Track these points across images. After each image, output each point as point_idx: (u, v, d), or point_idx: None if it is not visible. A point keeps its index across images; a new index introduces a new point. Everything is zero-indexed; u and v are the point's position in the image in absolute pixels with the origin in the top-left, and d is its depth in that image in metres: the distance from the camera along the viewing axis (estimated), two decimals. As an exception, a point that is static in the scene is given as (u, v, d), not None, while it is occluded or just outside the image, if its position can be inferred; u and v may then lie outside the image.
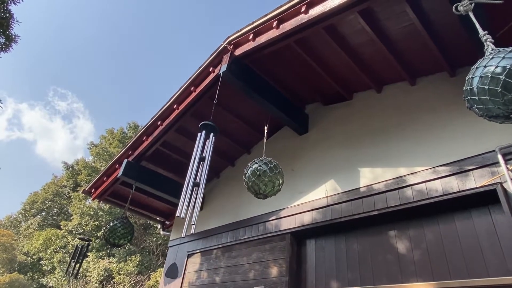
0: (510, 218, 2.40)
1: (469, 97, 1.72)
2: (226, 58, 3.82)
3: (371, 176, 3.46)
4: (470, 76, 1.70)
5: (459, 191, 2.72)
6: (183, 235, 2.65)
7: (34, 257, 22.79)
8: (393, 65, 3.55)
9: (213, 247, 4.88)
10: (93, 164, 25.07)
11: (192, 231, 3.23)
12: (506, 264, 2.40)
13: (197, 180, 2.91)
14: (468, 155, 2.85)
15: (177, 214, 2.73)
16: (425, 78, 3.64)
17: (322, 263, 3.58)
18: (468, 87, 1.71)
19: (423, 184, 3.02)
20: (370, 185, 3.40)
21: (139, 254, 18.69)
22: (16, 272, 21.83)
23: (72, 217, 21.51)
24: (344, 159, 3.87)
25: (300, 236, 3.92)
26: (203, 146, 3.13)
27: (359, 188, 3.51)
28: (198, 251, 5.13)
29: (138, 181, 5.10)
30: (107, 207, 20.36)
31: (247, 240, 4.42)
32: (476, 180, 2.70)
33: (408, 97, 3.67)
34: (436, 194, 2.86)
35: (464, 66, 3.31)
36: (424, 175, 3.04)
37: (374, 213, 3.20)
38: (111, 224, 4.54)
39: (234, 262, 4.43)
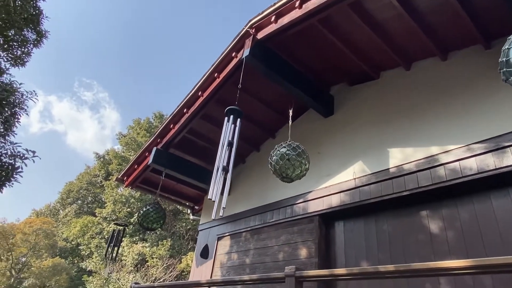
0: (552, 195, 2.29)
1: (505, 69, 1.64)
2: (248, 42, 3.80)
3: (401, 157, 3.38)
4: (507, 47, 1.61)
5: (496, 169, 2.62)
6: (213, 217, 2.73)
7: (73, 242, 24.25)
8: (422, 39, 3.40)
9: (242, 230, 4.99)
10: (122, 153, 26.03)
11: (221, 214, 3.32)
12: (548, 242, 2.31)
13: (226, 164, 2.96)
14: (504, 131, 2.72)
15: (209, 197, 2.81)
16: (457, 52, 3.47)
17: (351, 244, 3.59)
18: (504, 59, 1.63)
19: (457, 162, 2.92)
20: (400, 165, 3.33)
21: (170, 239, 19.43)
22: (58, 256, 23.35)
23: (106, 204, 22.58)
24: (372, 140, 3.80)
25: (328, 218, 3.93)
26: (230, 131, 3.17)
27: (388, 169, 3.45)
28: (227, 234, 5.27)
29: (167, 168, 5.26)
30: (138, 195, 21.18)
31: (275, 223, 4.49)
32: (514, 157, 2.58)
33: (439, 73, 3.52)
34: (470, 173, 2.76)
35: (499, 38, 3.12)
36: (457, 153, 2.93)
37: (405, 193, 3.14)
38: (144, 209, 4.74)
39: (263, 244, 4.52)
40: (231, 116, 3.25)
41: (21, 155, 4.58)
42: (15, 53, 5.12)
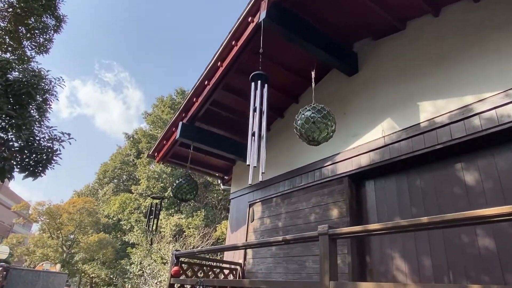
0: None
1: None
2: (264, 4, 3.66)
3: (432, 110, 3.25)
4: None
5: (538, 113, 2.46)
6: (250, 182, 2.81)
7: (114, 218, 25.86)
8: (452, -19, 3.14)
9: (272, 196, 5.10)
10: (150, 132, 26.78)
11: (260, 179, 3.40)
12: None
13: (258, 129, 3.00)
14: (547, 72, 2.53)
15: (247, 163, 2.87)
16: (492, -10, 3.18)
17: (383, 202, 3.59)
18: None
19: (493, 110, 2.78)
20: (432, 119, 3.21)
21: (203, 210, 20.25)
22: (102, 232, 25.07)
23: (140, 181, 23.66)
24: (400, 95, 3.66)
25: (358, 178, 3.92)
26: (258, 96, 3.18)
27: (419, 123, 3.34)
28: (258, 200, 5.40)
29: (195, 141, 5.38)
30: (169, 170, 21.95)
31: (304, 187, 4.54)
32: (558, 99, 2.41)
33: (471, 15, 3.26)
34: (508, 120, 2.62)
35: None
36: (494, 100, 2.78)
37: (437, 147, 3.05)
38: (177, 181, 4.92)
39: (294, 207, 4.62)
40: (258, 82, 3.23)
41: (58, 138, 4.84)
42: (38, 40, 5.26)
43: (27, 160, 4.30)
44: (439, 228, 1.75)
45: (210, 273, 4.93)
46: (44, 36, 5.26)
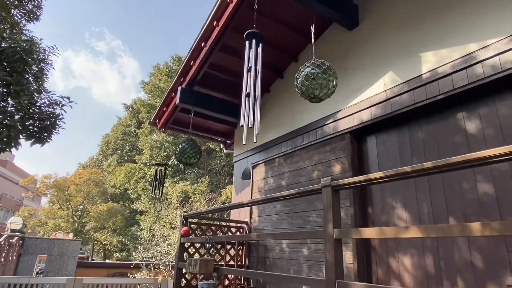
0: None
1: None
2: (259, -44, 3.49)
3: (434, 60, 3.20)
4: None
5: (542, 57, 2.42)
6: (244, 143, 2.84)
7: (121, 188, 26.45)
8: None
9: (275, 156, 5.17)
10: (149, 101, 26.58)
11: (255, 140, 3.42)
12: None
13: (252, 90, 2.97)
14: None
15: (241, 123, 2.87)
16: None
17: (384, 156, 3.64)
18: None
19: (496, 57, 2.73)
20: (434, 69, 3.16)
21: (207, 176, 20.63)
22: (110, 202, 25.76)
23: (143, 151, 23.88)
24: (402, 46, 3.58)
25: (359, 133, 3.95)
26: (252, 55, 3.11)
27: (421, 75, 3.30)
28: (261, 161, 5.49)
29: (195, 106, 5.36)
30: (171, 139, 22.07)
31: (306, 145, 4.58)
32: None
33: (477, -43, 3.10)
34: (511, 66, 2.58)
35: None
36: (497, 46, 2.72)
37: (439, 97, 3.04)
38: (180, 146, 4.98)
39: (296, 166, 4.70)
40: (253, 41, 3.16)
41: (58, 102, 4.84)
42: (26, 8, 5.08)
43: (31, 127, 4.34)
44: (441, 172, 1.80)
45: (218, 232, 5.13)
46: (33, 3, 5.07)
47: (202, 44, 4.69)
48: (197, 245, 4.84)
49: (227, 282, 4.89)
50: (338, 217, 2.35)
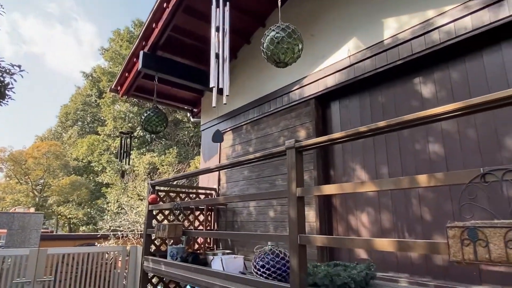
0: (543, 42, 2.31)
1: None
2: None
3: (395, 26, 3.28)
4: None
5: (491, 23, 2.57)
6: (213, 104, 2.82)
7: (84, 161, 25.48)
8: None
9: (242, 123, 5.19)
10: (110, 69, 25.18)
11: (224, 102, 3.41)
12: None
13: (221, 51, 2.92)
14: (505, -18, 2.57)
15: (211, 84, 2.84)
16: None
17: (347, 120, 3.78)
18: None
19: (452, 24, 2.85)
20: (395, 35, 3.26)
21: (175, 147, 20.36)
22: (73, 175, 24.84)
23: (106, 122, 22.92)
24: (366, 12, 3.63)
25: (324, 99, 4.04)
26: (220, 15, 3.02)
27: (383, 41, 3.38)
28: (229, 129, 5.49)
29: (159, 72, 5.16)
30: (136, 109, 21.29)
31: (273, 112, 4.64)
32: (510, 8, 2.51)
33: None
34: (465, 31, 2.72)
35: None
36: (453, 13, 2.84)
37: (398, 62, 3.16)
38: (145, 114, 4.84)
39: (263, 133, 4.76)
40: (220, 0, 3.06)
41: (7, 70, 4.45)
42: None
43: (-22, 97, 3.99)
44: (394, 130, 1.91)
45: (186, 198, 5.17)
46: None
47: (164, 5, 4.46)
48: (166, 212, 4.88)
49: (196, 246, 5.02)
50: (301, 177, 2.46)
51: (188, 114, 7.25)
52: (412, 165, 3.06)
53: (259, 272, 2.80)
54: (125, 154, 5.71)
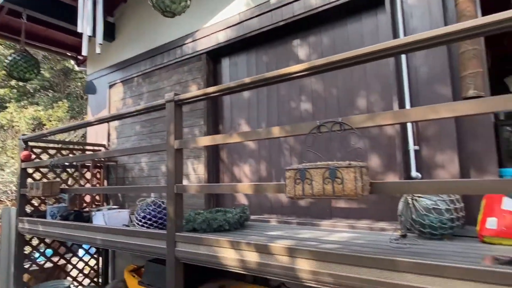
0: (389, 16, 2.71)
1: None
2: None
3: (281, -15, 3.40)
4: None
5: (354, -5, 2.88)
6: (83, 53, 2.61)
7: None
8: None
9: (134, 75, 4.89)
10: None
11: (98, 51, 3.14)
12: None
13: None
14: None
15: (78, 29, 2.56)
16: None
17: (235, 77, 3.90)
18: None
19: (327, -10, 3.09)
20: (280, -5, 3.39)
21: (66, 100, 18.03)
22: None
23: (-29, 67, 18.77)
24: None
25: (215, 55, 4.06)
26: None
27: (269, 0, 3.49)
28: (119, 81, 5.12)
29: (28, 8, 4.39)
30: (10, 52, 17.84)
31: (166, 65, 4.47)
32: (370, -17, 2.84)
33: None
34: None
35: None
36: (327, -19, 3.07)
37: (281, 23, 3.34)
38: (10, 58, 4.14)
39: (155, 86, 4.59)
40: None
41: None
42: None
43: None
44: (258, 86, 2.08)
45: (70, 155, 4.77)
46: None
47: None
48: (45, 171, 4.45)
49: (84, 205, 4.77)
50: (180, 130, 2.52)
51: (73, 62, 6.45)
52: (286, 120, 3.39)
53: (140, 223, 2.86)
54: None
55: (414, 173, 2.46)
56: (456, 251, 1.79)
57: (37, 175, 4.47)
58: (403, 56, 2.60)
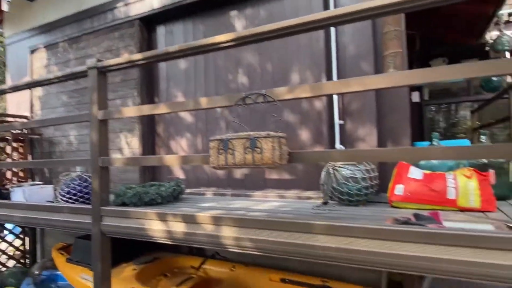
0: (322, -8, 2.76)
1: None
2: None
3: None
4: None
5: (290, -33, 2.87)
6: (3, 8, 2.26)
7: None
8: None
9: (58, 40, 4.44)
10: None
11: (5, 9, 2.77)
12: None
13: None
14: None
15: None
16: None
17: (171, 46, 3.72)
18: None
19: (264, -39, 3.04)
20: (216, -38, 3.25)
21: (-16, 67, 15.87)
22: None
23: None
24: None
25: (149, 22, 3.83)
26: None
27: (205, -34, 3.34)
28: (41, 46, 4.62)
29: None
30: None
31: (95, 30, 4.12)
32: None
33: None
34: (271, -29, 2.96)
35: None
36: (265, -50, 3.01)
37: (217, -7, 3.23)
38: None
39: (83, 53, 4.23)
40: None
41: None
42: None
43: None
44: (186, 55, 2.02)
45: (-17, 127, 4.26)
46: None
47: None
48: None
49: (6, 181, 4.35)
50: (104, 99, 2.37)
51: (-14, 22, 5.63)
52: (224, 92, 3.36)
53: (64, 199, 2.71)
54: None
55: (338, 145, 2.62)
56: (367, 215, 1.98)
57: None
58: (333, 33, 2.69)
